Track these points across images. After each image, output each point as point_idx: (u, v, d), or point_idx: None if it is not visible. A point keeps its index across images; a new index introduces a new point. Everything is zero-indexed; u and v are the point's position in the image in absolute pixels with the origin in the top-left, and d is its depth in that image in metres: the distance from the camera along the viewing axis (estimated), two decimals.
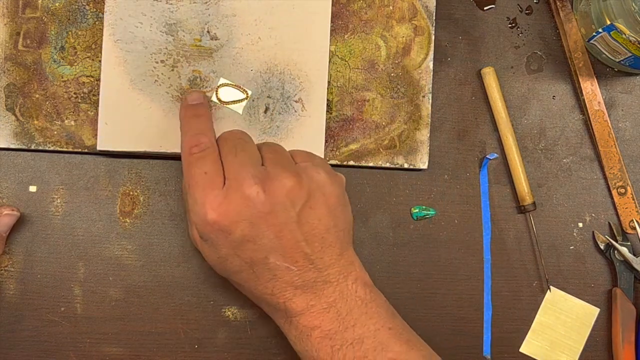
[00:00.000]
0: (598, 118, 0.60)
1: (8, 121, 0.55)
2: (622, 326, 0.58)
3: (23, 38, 0.55)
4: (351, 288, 0.48)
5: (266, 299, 0.48)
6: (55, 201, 0.56)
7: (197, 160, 0.47)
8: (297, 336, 0.48)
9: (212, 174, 0.46)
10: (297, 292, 0.47)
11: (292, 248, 0.46)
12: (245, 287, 0.49)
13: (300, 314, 0.47)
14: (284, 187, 0.46)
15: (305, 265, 0.47)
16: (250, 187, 0.45)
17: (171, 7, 0.55)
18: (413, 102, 0.58)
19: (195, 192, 0.46)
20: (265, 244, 0.46)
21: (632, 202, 0.60)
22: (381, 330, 0.47)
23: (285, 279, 0.47)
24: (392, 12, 0.58)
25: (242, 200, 0.45)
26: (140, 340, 0.56)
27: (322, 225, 0.47)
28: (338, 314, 0.47)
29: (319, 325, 0.47)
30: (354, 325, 0.47)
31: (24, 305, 0.55)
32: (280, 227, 0.46)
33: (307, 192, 0.47)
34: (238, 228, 0.45)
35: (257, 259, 0.46)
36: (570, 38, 0.59)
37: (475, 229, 0.59)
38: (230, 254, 0.47)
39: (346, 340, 0.46)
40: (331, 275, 0.47)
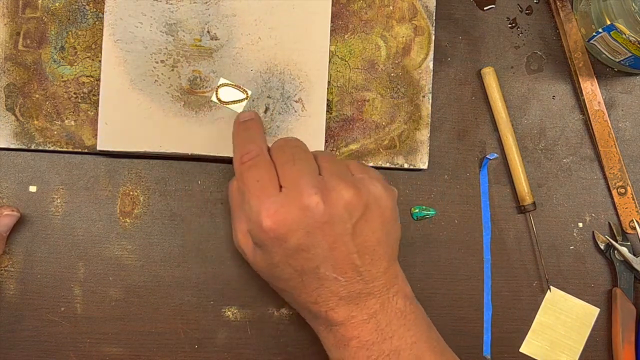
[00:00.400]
0: (598, 118, 0.60)
1: (8, 121, 0.55)
2: (622, 326, 0.58)
3: (23, 38, 0.55)
4: (392, 300, 0.48)
5: (308, 307, 0.48)
6: (55, 201, 0.56)
7: (249, 168, 0.47)
8: (335, 344, 0.48)
9: (265, 181, 0.46)
10: (341, 303, 0.47)
11: (343, 260, 0.46)
12: (288, 293, 0.49)
13: (340, 324, 0.47)
14: (343, 199, 0.46)
15: (353, 277, 0.47)
16: (310, 197, 0.45)
17: (171, 7, 0.55)
18: (413, 102, 0.58)
19: (250, 199, 0.46)
20: (318, 254, 0.46)
21: (632, 202, 0.60)
22: (417, 343, 0.47)
23: (332, 289, 0.47)
24: (392, 12, 0.58)
25: (300, 210, 0.45)
26: (140, 340, 0.56)
27: (374, 239, 0.47)
28: (377, 325, 0.47)
29: (357, 336, 0.47)
30: (392, 337, 0.47)
31: (24, 305, 0.55)
32: (335, 238, 0.46)
33: (364, 204, 0.47)
34: (294, 237, 0.45)
35: (308, 268, 0.46)
36: (570, 38, 0.59)
37: (475, 229, 0.59)
38: (283, 262, 0.47)
39: (383, 351, 0.47)
40: (376, 288, 0.47)
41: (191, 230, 0.57)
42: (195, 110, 0.55)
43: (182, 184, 0.57)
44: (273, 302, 0.57)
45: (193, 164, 0.57)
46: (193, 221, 0.57)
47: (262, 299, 0.57)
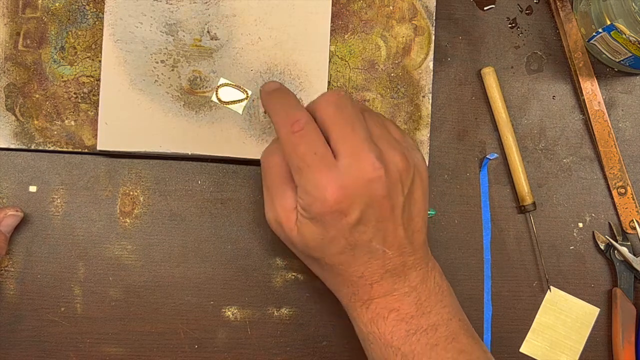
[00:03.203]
0: (598, 118, 0.60)
1: (8, 121, 0.55)
2: (622, 326, 0.58)
3: (23, 38, 0.55)
4: (430, 274, 0.48)
5: (352, 281, 0.47)
6: (55, 201, 0.56)
7: (302, 138, 0.45)
8: (372, 319, 0.47)
9: (322, 152, 0.44)
10: (386, 276, 0.46)
11: (392, 232, 0.46)
12: (334, 268, 0.47)
13: (382, 296, 0.47)
14: (398, 170, 0.45)
15: (399, 250, 0.46)
16: (375, 171, 0.44)
17: (171, 7, 0.55)
18: (413, 102, 0.58)
19: (309, 173, 0.44)
20: (373, 228, 0.45)
21: (632, 202, 0.60)
22: (453, 321, 0.47)
23: (379, 262, 0.46)
24: (392, 12, 0.58)
25: (364, 183, 0.44)
26: (140, 340, 0.56)
27: (416, 210, 0.47)
28: (418, 298, 0.47)
29: (397, 308, 0.46)
30: (430, 312, 0.47)
31: (24, 305, 0.55)
32: (389, 211, 0.45)
33: (410, 174, 0.46)
34: (357, 210, 0.44)
35: (361, 242, 0.45)
36: (570, 38, 0.59)
37: (475, 229, 0.59)
38: (339, 236, 0.45)
39: (421, 325, 0.46)
40: (417, 261, 0.47)
41: (191, 230, 0.57)
42: (195, 110, 0.55)
43: (182, 184, 0.57)
44: (273, 302, 0.57)
45: (193, 164, 0.57)
46: (193, 221, 0.57)
47: (262, 299, 0.57)
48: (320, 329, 0.57)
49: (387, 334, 0.46)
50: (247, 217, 0.57)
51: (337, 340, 0.57)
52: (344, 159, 0.44)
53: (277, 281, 0.57)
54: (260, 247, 0.57)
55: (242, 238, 0.57)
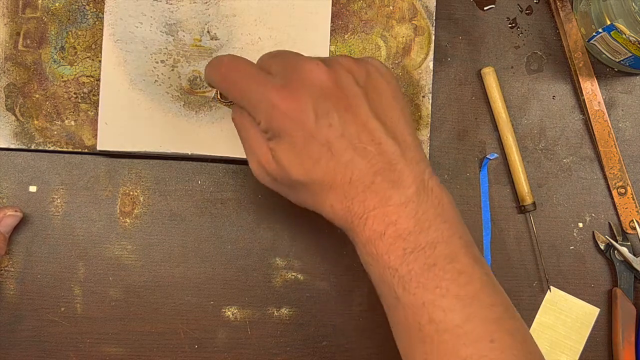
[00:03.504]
0: (598, 118, 0.60)
1: (8, 121, 0.55)
2: (622, 326, 0.58)
3: (23, 38, 0.55)
4: (427, 185, 0.44)
5: (344, 191, 0.44)
6: (55, 201, 0.56)
7: (231, 71, 0.46)
8: (370, 237, 0.44)
9: (254, 71, 0.45)
10: (377, 179, 0.43)
11: (364, 124, 0.44)
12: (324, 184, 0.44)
13: (378, 207, 0.43)
14: (343, 64, 0.45)
15: (380, 145, 0.44)
16: (309, 62, 0.44)
17: (171, 7, 0.55)
18: (413, 102, 0.58)
19: (251, 95, 0.44)
20: (338, 119, 0.43)
21: (632, 202, 0.60)
22: (453, 238, 0.44)
23: (364, 161, 0.43)
24: (392, 12, 0.58)
25: (305, 76, 0.44)
26: (140, 340, 0.56)
27: (387, 105, 0.45)
28: (415, 211, 0.43)
29: (394, 222, 0.43)
30: (429, 227, 0.43)
31: (24, 305, 0.55)
32: (348, 100, 0.44)
33: (365, 71, 0.45)
34: (309, 103, 0.43)
35: (333, 138, 0.43)
36: (570, 38, 0.59)
37: (475, 229, 0.59)
38: (307, 138, 0.43)
39: (419, 243, 0.43)
40: (409, 161, 0.44)
41: (191, 230, 0.57)
42: (195, 110, 0.55)
43: (182, 184, 0.57)
44: (273, 302, 0.57)
45: (193, 164, 0.57)
46: (193, 221, 0.57)
47: (262, 299, 0.57)
48: (320, 329, 0.57)
49: (384, 253, 0.43)
50: (247, 217, 0.57)
51: (337, 340, 0.57)
52: (281, 71, 0.45)
53: (277, 281, 0.57)
54: (260, 247, 0.57)
55: (242, 238, 0.57)
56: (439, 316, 0.42)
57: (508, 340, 0.42)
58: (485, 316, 0.43)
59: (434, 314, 0.42)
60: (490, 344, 0.42)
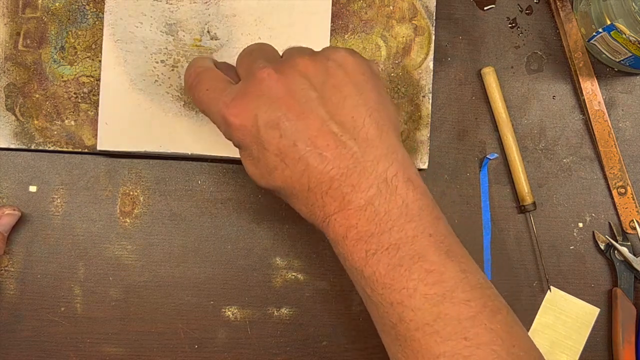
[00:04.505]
0: (598, 118, 0.60)
1: (8, 121, 0.55)
2: (622, 326, 0.58)
3: (23, 38, 0.55)
4: (390, 184, 0.42)
5: (304, 198, 0.44)
6: (55, 201, 0.56)
7: (196, 86, 0.46)
8: (334, 239, 0.44)
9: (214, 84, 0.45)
10: (334, 185, 0.42)
11: (319, 130, 0.42)
12: (285, 189, 0.44)
13: (338, 212, 0.43)
14: (296, 66, 0.43)
15: (337, 150, 0.42)
16: (261, 71, 0.43)
17: (171, 7, 0.55)
18: (413, 102, 0.58)
19: (210, 108, 0.44)
20: (289, 129, 0.42)
21: (632, 202, 0.60)
22: (420, 237, 0.42)
23: (319, 168, 0.42)
24: (392, 12, 0.58)
25: (255, 87, 0.43)
26: (140, 340, 0.56)
27: (349, 104, 0.43)
28: (375, 213, 0.42)
29: (355, 225, 0.42)
30: (391, 228, 0.42)
31: (24, 305, 0.55)
32: (301, 107, 0.42)
33: (324, 69, 0.43)
34: (258, 115, 0.42)
35: (285, 148, 0.42)
36: (570, 38, 0.59)
37: (475, 229, 0.59)
38: (261, 150, 0.43)
39: (382, 244, 0.42)
40: (368, 162, 0.42)
41: (191, 230, 0.57)
42: (195, 110, 0.55)
43: (182, 184, 0.57)
44: (273, 302, 0.57)
45: (193, 164, 0.57)
46: (193, 221, 0.57)
47: (262, 299, 0.57)
48: (320, 329, 0.57)
49: (348, 254, 0.43)
50: (247, 217, 0.57)
51: (337, 340, 0.57)
52: (241, 76, 0.45)
53: (277, 281, 0.57)
54: (260, 247, 0.57)
55: (242, 238, 0.57)
56: (409, 315, 0.41)
57: (485, 336, 0.41)
58: (458, 313, 0.41)
59: (404, 313, 0.42)
60: (464, 342, 0.41)
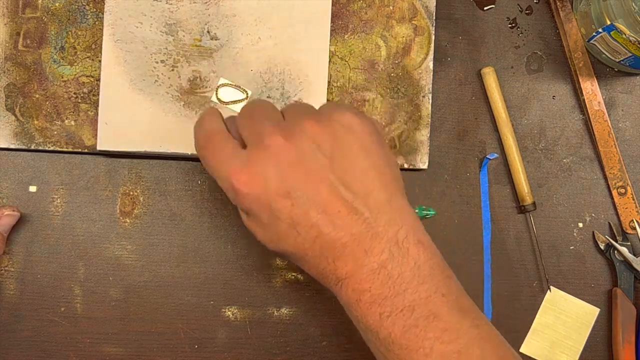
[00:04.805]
0: (598, 118, 0.60)
1: (8, 121, 0.55)
2: (622, 326, 0.58)
3: (23, 38, 0.55)
4: (402, 246, 0.43)
5: (316, 263, 0.44)
6: (55, 201, 0.56)
7: (205, 149, 0.45)
8: (347, 302, 0.44)
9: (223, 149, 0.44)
10: (346, 251, 0.43)
11: (330, 197, 0.42)
12: (296, 255, 0.44)
13: (350, 276, 0.43)
14: (305, 131, 0.43)
15: (349, 216, 0.42)
16: (269, 138, 0.42)
17: (171, 7, 0.55)
18: (413, 102, 0.58)
19: (219, 173, 0.44)
20: (301, 197, 0.42)
21: (632, 202, 0.60)
22: (433, 297, 0.42)
23: (332, 235, 0.42)
24: (392, 12, 0.58)
25: (264, 156, 0.42)
26: (140, 340, 0.56)
27: (358, 169, 0.43)
28: (389, 276, 0.42)
29: (368, 289, 0.42)
30: (405, 290, 0.42)
31: (24, 305, 0.55)
32: (311, 174, 0.42)
33: (331, 133, 0.43)
34: (269, 185, 0.42)
35: (297, 217, 0.42)
36: (570, 38, 0.59)
37: (475, 229, 0.59)
38: (272, 218, 0.43)
39: (396, 307, 0.42)
40: (380, 227, 0.43)
41: (191, 230, 0.57)
42: (195, 110, 0.55)
43: (182, 184, 0.57)
44: (273, 302, 0.57)
45: (193, 164, 0.57)
46: (193, 221, 0.57)
47: (262, 299, 0.57)
48: (320, 329, 0.57)
49: (362, 317, 0.43)
50: None
51: (337, 340, 0.57)
52: (247, 145, 0.44)
53: (277, 281, 0.57)
54: (260, 247, 0.57)
55: (242, 238, 0.57)
56: None
57: None
58: None
59: None
60: None
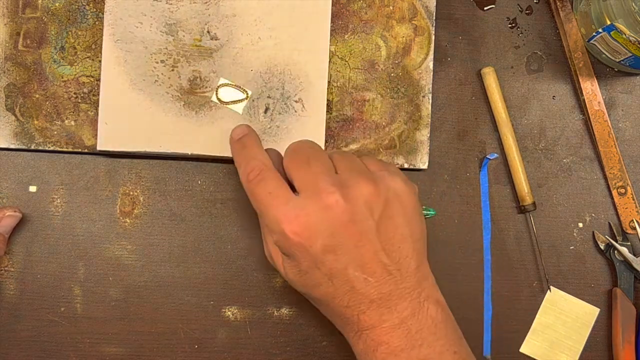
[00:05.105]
0: (598, 118, 0.60)
1: (8, 121, 0.55)
2: (622, 326, 0.58)
3: (23, 38, 0.55)
4: (424, 306, 0.46)
5: (340, 312, 0.47)
6: (55, 201, 0.56)
7: (257, 184, 0.47)
8: (364, 350, 0.47)
9: (277, 190, 0.46)
10: (372, 306, 0.46)
11: (370, 258, 0.45)
12: (322, 301, 0.48)
13: (371, 328, 0.46)
14: (363, 195, 0.45)
15: (382, 277, 0.46)
16: (329, 196, 0.45)
17: (171, 7, 0.55)
18: (413, 102, 0.58)
19: (268, 212, 0.46)
20: (345, 255, 0.45)
21: (632, 202, 0.60)
22: (446, 354, 0.46)
23: (362, 291, 0.46)
24: (392, 12, 0.58)
25: (321, 210, 0.45)
26: (140, 340, 0.56)
27: (399, 235, 0.46)
28: (408, 331, 0.46)
29: (387, 342, 0.46)
30: (421, 345, 0.45)
31: (24, 305, 0.55)
32: (360, 236, 0.45)
33: (384, 200, 0.46)
34: (319, 239, 0.45)
35: (336, 271, 0.45)
36: (570, 38, 0.59)
37: (475, 229, 0.59)
38: (311, 267, 0.46)
39: (411, 358, 0.45)
40: (406, 290, 0.46)
41: (191, 230, 0.57)
42: (195, 110, 0.55)
43: (182, 184, 0.57)
44: (273, 302, 0.57)
45: (193, 164, 0.57)
46: (193, 221, 0.57)
47: (262, 299, 0.57)
48: (320, 329, 0.57)
49: None
50: (247, 217, 0.57)
51: (337, 340, 0.57)
52: (301, 192, 0.46)
53: (277, 281, 0.57)
54: (260, 247, 0.57)
55: (242, 238, 0.57)
56: None
57: None
58: None
59: None
60: None
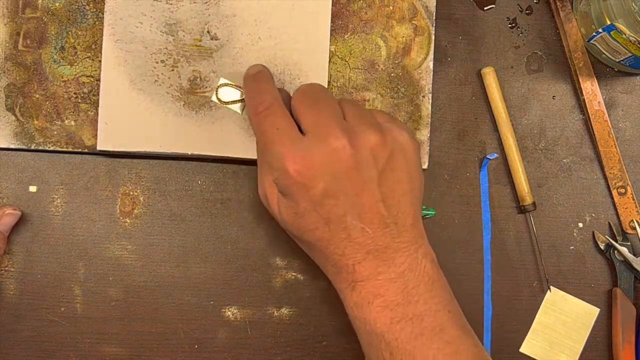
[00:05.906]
0: (598, 118, 0.60)
1: (8, 121, 0.55)
2: (622, 326, 0.58)
3: (23, 38, 0.55)
4: (420, 262, 0.46)
5: (334, 260, 0.46)
6: (55, 201, 0.56)
7: (266, 117, 0.47)
8: (357, 302, 0.46)
9: (285, 127, 0.46)
10: (368, 257, 0.45)
11: (370, 208, 0.45)
12: (315, 246, 0.47)
13: (366, 280, 0.45)
14: (369, 143, 0.45)
15: (380, 229, 0.45)
16: (336, 140, 0.44)
17: (171, 7, 0.55)
18: (413, 102, 0.58)
19: (273, 148, 0.45)
20: (345, 201, 0.44)
21: (632, 202, 0.60)
22: (441, 312, 0.45)
23: (359, 240, 0.45)
24: (392, 12, 0.58)
25: (327, 153, 0.44)
26: (140, 340, 0.56)
27: (400, 189, 0.46)
28: (404, 286, 0.45)
29: (382, 294, 0.45)
30: (417, 301, 0.45)
31: (24, 305, 0.55)
32: (361, 184, 0.44)
33: (390, 151, 0.46)
34: (321, 181, 0.44)
35: (334, 217, 0.45)
36: (570, 38, 0.59)
37: (475, 229, 0.59)
38: (309, 210, 0.45)
39: (407, 314, 0.45)
40: (403, 244, 0.46)
41: (191, 230, 0.57)
42: (195, 110, 0.55)
43: (182, 184, 0.57)
44: (273, 302, 0.57)
45: (193, 164, 0.57)
46: (193, 221, 0.57)
47: (262, 299, 0.57)
48: (320, 329, 0.57)
49: (371, 320, 0.45)
50: (247, 217, 0.57)
51: (337, 340, 0.57)
52: (308, 133, 0.45)
53: (277, 281, 0.57)
54: (260, 247, 0.57)
55: (242, 238, 0.57)
56: None
57: None
58: None
59: None
60: None
